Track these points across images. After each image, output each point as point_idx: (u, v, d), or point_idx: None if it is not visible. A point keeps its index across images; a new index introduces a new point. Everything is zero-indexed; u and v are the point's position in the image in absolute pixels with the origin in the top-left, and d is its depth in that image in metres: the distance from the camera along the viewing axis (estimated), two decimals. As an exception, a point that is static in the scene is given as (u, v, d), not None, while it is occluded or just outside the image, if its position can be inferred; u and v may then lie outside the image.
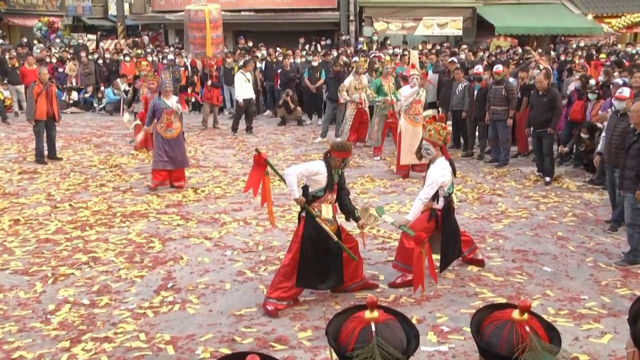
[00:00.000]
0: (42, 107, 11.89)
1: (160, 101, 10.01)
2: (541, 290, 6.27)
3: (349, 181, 10.52)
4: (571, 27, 23.69)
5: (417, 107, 10.55)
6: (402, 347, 2.07)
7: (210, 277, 6.64)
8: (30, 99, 12.03)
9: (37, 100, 11.87)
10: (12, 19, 32.15)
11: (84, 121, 17.46)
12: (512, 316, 2.09)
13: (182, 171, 10.32)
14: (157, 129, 10.02)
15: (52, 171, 11.43)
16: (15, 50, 21.53)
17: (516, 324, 2.06)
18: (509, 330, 2.05)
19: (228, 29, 17.60)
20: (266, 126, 16.44)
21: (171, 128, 9.99)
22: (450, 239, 6.46)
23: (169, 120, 9.97)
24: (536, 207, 9.12)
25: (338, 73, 14.49)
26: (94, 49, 23.43)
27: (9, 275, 6.71)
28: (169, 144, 9.97)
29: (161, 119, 9.95)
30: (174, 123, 10.03)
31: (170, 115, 9.96)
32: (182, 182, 10.25)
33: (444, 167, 6.30)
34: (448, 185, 6.33)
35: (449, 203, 6.43)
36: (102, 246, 7.55)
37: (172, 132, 10.00)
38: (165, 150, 9.93)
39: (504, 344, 2.04)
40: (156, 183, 10.02)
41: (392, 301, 6.02)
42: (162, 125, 9.97)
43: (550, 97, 10.26)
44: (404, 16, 24.01)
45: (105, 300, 6.09)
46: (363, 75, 13.18)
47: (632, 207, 6.89)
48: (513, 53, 19.36)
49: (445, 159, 6.35)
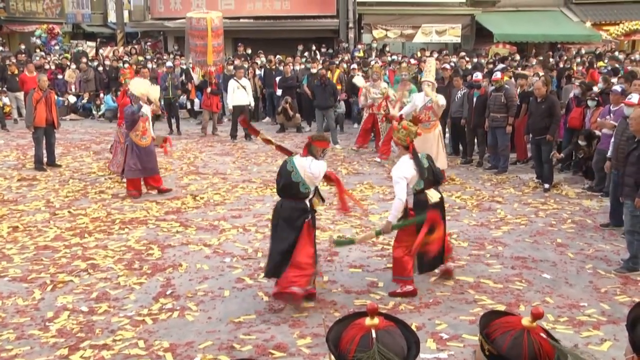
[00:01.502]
0: (41, 114, 11.90)
1: (133, 107, 9.99)
2: (540, 297, 6.26)
3: (348, 187, 10.53)
4: (570, 34, 23.76)
5: (428, 114, 10.56)
6: (402, 353, 2.06)
7: (209, 284, 6.63)
8: (29, 106, 12.04)
9: (36, 107, 11.87)
10: (11, 26, 32.25)
11: (83, 128, 17.47)
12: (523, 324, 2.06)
13: (158, 176, 10.38)
14: (131, 136, 9.99)
15: (51, 178, 11.42)
16: (15, 57, 21.56)
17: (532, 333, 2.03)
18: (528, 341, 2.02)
19: (227, 36, 17.61)
20: (265, 133, 16.39)
21: (145, 136, 10.04)
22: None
23: (144, 127, 10.01)
24: (535, 214, 9.12)
25: (324, 79, 14.55)
26: (93, 56, 23.46)
27: (8, 283, 6.70)
28: (143, 151, 9.99)
29: (137, 127, 9.96)
30: (148, 131, 10.10)
31: (145, 123, 10.01)
32: (159, 184, 10.29)
33: (406, 163, 6.29)
34: (414, 182, 6.25)
35: (423, 200, 6.27)
36: (101, 253, 7.54)
37: (146, 139, 10.05)
38: (139, 158, 9.95)
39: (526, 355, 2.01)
40: (135, 192, 10.01)
41: (391, 308, 6.02)
42: (137, 133, 9.98)
43: (549, 104, 10.29)
44: (403, 23, 24.08)
45: (104, 308, 6.08)
46: (380, 81, 13.23)
47: (632, 214, 6.91)
48: (512, 60, 19.39)
49: (410, 158, 6.32)
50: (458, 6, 24.36)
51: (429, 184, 6.33)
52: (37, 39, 27.40)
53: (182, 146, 14.42)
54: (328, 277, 6.78)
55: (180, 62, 19.34)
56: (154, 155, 10.31)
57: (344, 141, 14.62)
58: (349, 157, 13.17)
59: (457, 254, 7.47)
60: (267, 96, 18.31)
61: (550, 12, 24.77)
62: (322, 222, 8.69)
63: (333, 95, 14.37)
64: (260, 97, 18.20)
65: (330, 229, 8.38)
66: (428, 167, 6.34)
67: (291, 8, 23.84)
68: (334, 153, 13.60)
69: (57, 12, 35.18)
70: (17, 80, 17.45)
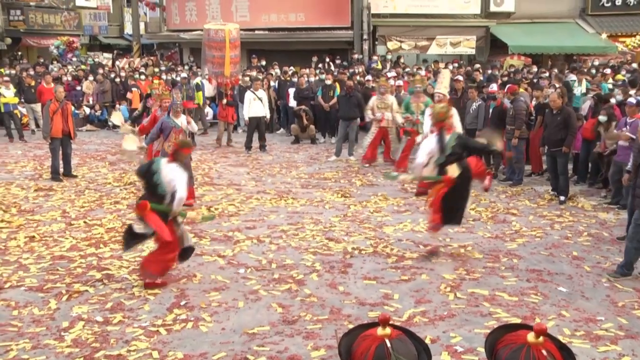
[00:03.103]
0: (57, 125, 12.01)
1: (170, 120, 9.98)
2: (556, 311, 6.21)
3: (362, 199, 10.54)
4: (585, 46, 23.64)
5: None
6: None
7: (223, 295, 6.64)
8: (46, 117, 12.16)
9: (52, 118, 11.99)
10: (30, 39, 32.67)
11: (99, 139, 17.62)
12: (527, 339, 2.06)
13: (192, 189, 10.22)
14: (164, 147, 9.91)
15: (67, 188, 11.51)
16: (33, 69, 21.83)
17: (532, 348, 2.04)
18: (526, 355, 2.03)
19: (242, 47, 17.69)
20: (279, 144, 16.50)
21: None
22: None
23: (178, 139, 9.95)
24: (551, 227, 9.06)
25: (349, 90, 14.49)
26: (109, 67, 23.70)
27: (24, 292, 6.74)
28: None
29: (169, 138, 9.89)
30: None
31: (179, 135, 9.93)
32: (192, 200, 10.12)
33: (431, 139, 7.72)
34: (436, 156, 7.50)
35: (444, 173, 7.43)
36: (116, 263, 7.57)
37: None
38: None
39: None
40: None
41: (405, 320, 5.99)
42: (170, 144, 9.79)
43: (565, 115, 10.24)
44: (417, 35, 24.10)
45: (119, 318, 6.10)
46: (387, 95, 13.22)
47: (636, 222, 6.98)
48: (527, 72, 19.34)
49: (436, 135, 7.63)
50: (473, 18, 24.36)
51: (452, 160, 7.42)
52: (55, 49, 27.74)
53: (197, 157, 14.48)
54: (343, 288, 6.77)
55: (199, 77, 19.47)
56: (188, 166, 10.04)
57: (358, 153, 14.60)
58: (363, 169, 13.17)
59: (471, 266, 7.45)
60: (281, 108, 18.38)
61: (565, 24, 24.69)
62: (337, 233, 8.70)
63: (358, 106, 14.29)
64: (275, 109, 18.28)
65: (344, 240, 8.38)
66: (454, 146, 7.45)
67: (306, 20, 23.94)
68: (349, 165, 13.61)
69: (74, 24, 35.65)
70: (34, 92, 17.67)
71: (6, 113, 17.16)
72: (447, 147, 7.46)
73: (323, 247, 8.15)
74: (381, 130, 13.19)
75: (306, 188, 11.52)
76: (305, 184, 11.82)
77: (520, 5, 24.48)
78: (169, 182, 6.63)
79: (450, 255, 7.86)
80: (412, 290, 6.72)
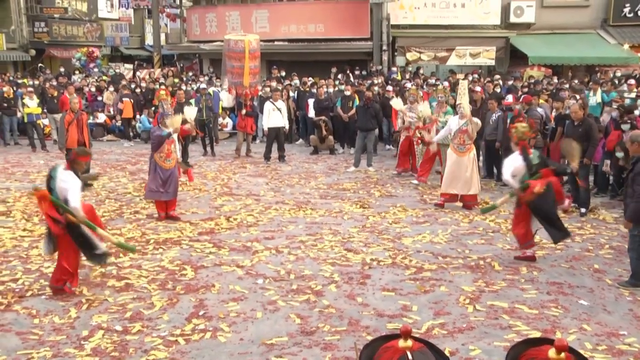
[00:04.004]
0: (73, 136, 12.16)
1: (161, 130, 9.97)
2: (577, 325, 6.14)
3: (381, 210, 10.52)
4: (607, 57, 23.43)
5: (463, 137, 10.53)
6: None
7: (242, 306, 6.65)
8: (61, 128, 12.34)
9: (68, 129, 12.16)
10: (54, 50, 33.18)
11: (120, 149, 17.78)
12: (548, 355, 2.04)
13: (174, 200, 10.24)
14: (155, 158, 9.97)
15: (87, 198, 11.60)
16: (55, 80, 22.13)
17: None
18: None
19: (262, 58, 17.81)
20: (298, 155, 16.53)
21: (170, 158, 9.98)
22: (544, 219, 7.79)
23: (169, 150, 9.96)
24: (571, 239, 8.96)
25: (368, 101, 14.49)
26: (130, 78, 23.94)
27: (45, 301, 6.81)
28: (166, 173, 9.93)
29: (161, 149, 9.92)
30: (173, 153, 10.05)
31: (170, 145, 9.98)
32: (174, 209, 10.16)
33: (515, 158, 7.86)
34: (521, 174, 7.74)
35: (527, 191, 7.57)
36: (135, 273, 7.62)
37: (170, 162, 9.98)
38: (161, 180, 9.90)
39: None
40: (163, 215, 10.02)
41: (424, 332, 5.95)
42: (162, 155, 9.93)
43: (586, 127, 10.17)
44: (437, 46, 24.06)
45: (138, 327, 6.13)
46: (417, 104, 13.23)
47: (631, 232, 7.15)
48: (547, 83, 19.22)
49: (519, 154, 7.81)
50: (492, 29, 24.28)
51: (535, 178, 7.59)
52: (77, 61, 28.13)
53: (216, 167, 14.56)
54: (361, 300, 6.75)
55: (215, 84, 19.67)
56: (176, 177, 10.27)
57: (377, 163, 14.60)
58: (382, 180, 13.15)
59: (491, 278, 7.39)
60: (300, 118, 18.43)
61: (586, 35, 24.51)
62: (355, 244, 8.69)
63: (375, 117, 14.30)
64: (294, 119, 18.33)
65: (363, 251, 8.36)
66: (538, 164, 7.70)
67: (325, 31, 24.02)
68: (367, 176, 13.60)
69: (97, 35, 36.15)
70: (57, 102, 17.90)
71: (29, 123, 17.46)
72: (532, 166, 7.69)
73: (341, 258, 8.14)
74: (407, 139, 13.22)
75: (325, 199, 11.52)
76: (324, 195, 11.82)
77: (540, 16, 24.36)
78: (61, 190, 6.73)
79: (469, 267, 7.81)
80: (430, 302, 6.68)
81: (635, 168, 7.13)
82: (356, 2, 23.88)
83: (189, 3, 30.10)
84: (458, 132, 10.55)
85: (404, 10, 24.04)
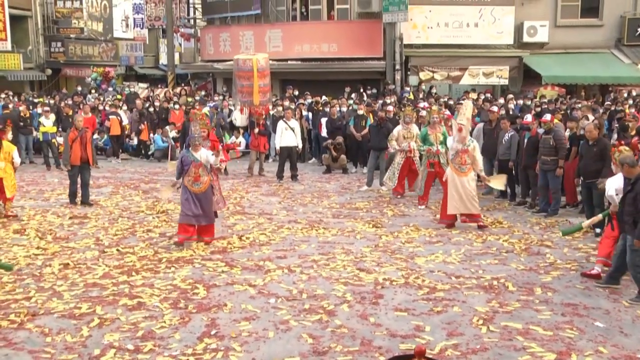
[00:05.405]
0: (76, 153, 12.32)
1: (189, 154, 9.70)
2: (593, 347, 6.05)
3: (394, 229, 10.48)
4: (621, 76, 23.35)
5: (464, 157, 10.50)
6: None
7: (254, 325, 6.62)
8: (65, 145, 12.54)
9: (72, 146, 12.31)
10: (69, 69, 33.59)
11: (133, 167, 17.89)
12: None
13: (212, 226, 9.95)
14: (184, 182, 9.67)
15: (101, 216, 11.67)
16: (71, 99, 22.36)
17: None
18: None
19: (275, 77, 17.93)
20: (311, 174, 16.54)
21: (199, 182, 9.60)
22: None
23: (197, 173, 9.58)
24: (586, 259, 8.87)
25: (381, 120, 14.48)
26: (144, 97, 24.14)
27: (57, 319, 6.81)
28: (197, 198, 9.60)
29: (189, 172, 9.61)
30: (202, 177, 9.63)
31: (198, 169, 9.60)
32: (211, 236, 9.85)
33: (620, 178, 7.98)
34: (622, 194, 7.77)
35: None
36: (148, 291, 7.61)
37: (199, 186, 9.60)
38: (192, 204, 9.55)
39: None
40: (182, 237, 9.58)
41: (437, 353, 5.89)
42: (190, 178, 9.61)
43: (601, 147, 10.11)
44: (450, 65, 24.08)
45: (149, 346, 6.11)
46: (412, 125, 13.23)
47: (630, 248, 7.21)
48: (560, 103, 19.16)
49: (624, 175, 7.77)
50: (506, 48, 24.27)
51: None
52: (92, 81, 28.44)
53: (229, 186, 14.59)
54: (374, 320, 6.70)
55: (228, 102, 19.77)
56: (210, 202, 9.88)
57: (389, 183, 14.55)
58: (395, 199, 13.11)
59: (504, 298, 7.32)
60: (313, 137, 18.47)
61: (600, 54, 24.44)
62: (368, 264, 8.65)
63: (388, 136, 14.28)
64: (307, 138, 18.37)
65: (375, 271, 8.31)
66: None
67: (338, 50, 24.11)
68: (380, 195, 13.57)
69: (112, 55, 36.55)
70: (71, 121, 18.04)
71: (44, 142, 17.67)
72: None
73: (354, 277, 8.10)
74: (408, 160, 13.12)
75: (337, 218, 11.50)
76: (337, 214, 11.80)
77: (554, 35, 24.33)
78: None
79: (482, 287, 7.74)
80: (443, 323, 6.62)
81: (635, 188, 7.22)
82: (369, 22, 23.99)
83: (203, 23, 30.39)
84: (459, 152, 10.53)
85: (417, 30, 24.11)
